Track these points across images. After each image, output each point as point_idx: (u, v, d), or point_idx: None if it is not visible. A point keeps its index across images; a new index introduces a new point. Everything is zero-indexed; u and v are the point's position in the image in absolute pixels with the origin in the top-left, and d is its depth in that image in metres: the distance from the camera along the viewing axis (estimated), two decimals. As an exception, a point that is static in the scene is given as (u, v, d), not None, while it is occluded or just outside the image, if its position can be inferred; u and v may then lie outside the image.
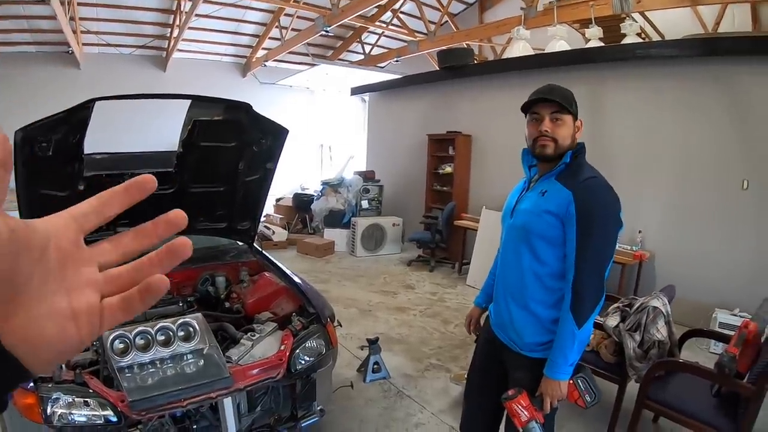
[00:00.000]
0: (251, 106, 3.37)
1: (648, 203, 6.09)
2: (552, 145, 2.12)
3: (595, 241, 2.02)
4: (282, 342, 3.09)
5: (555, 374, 2.10)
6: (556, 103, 2.11)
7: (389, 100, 11.30)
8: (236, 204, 3.94)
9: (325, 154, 18.33)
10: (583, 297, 2.03)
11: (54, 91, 13.02)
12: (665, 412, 3.10)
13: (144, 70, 15.41)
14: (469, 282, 7.49)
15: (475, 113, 8.77)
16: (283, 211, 11.64)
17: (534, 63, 7.69)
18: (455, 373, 4.49)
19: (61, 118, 2.78)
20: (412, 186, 10.00)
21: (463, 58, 8.93)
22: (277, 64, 15.93)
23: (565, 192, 2.06)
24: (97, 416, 2.46)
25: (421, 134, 9.54)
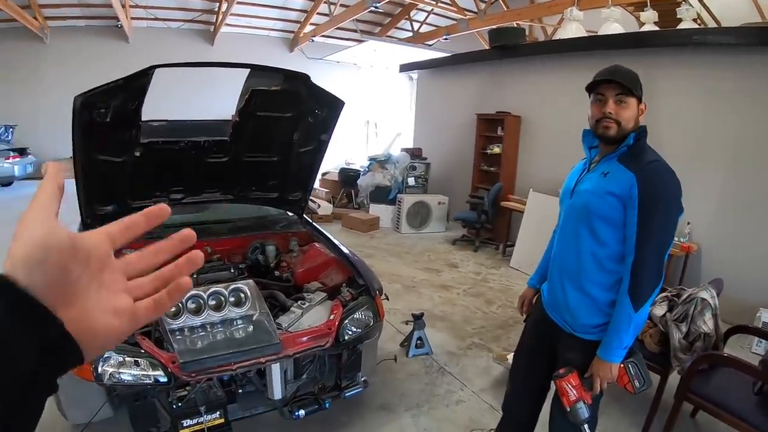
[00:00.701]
0: (309, 77, 3.38)
1: (698, 194, 5.84)
2: (615, 127, 2.08)
3: (656, 225, 1.99)
4: (331, 312, 3.13)
5: (608, 356, 2.08)
6: (620, 85, 2.06)
7: (438, 78, 11.17)
8: (289, 174, 3.99)
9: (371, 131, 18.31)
10: (642, 281, 2.01)
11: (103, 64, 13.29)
12: (705, 406, 3.02)
13: (192, 44, 15.60)
14: (513, 264, 7.41)
15: (525, 94, 8.61)
16: (329, 185, 11.67)
17: (587, 45, 7.49)
18: (497, 353, 4.47)
19: (120, 85, 2.83)
20: (459, 165, 9.91)
21: (515, 37, 8.75)
22: (325, 39, 15.93)
23: (628, 174, 2.03)
24: (147, 376, 2.53)
25: (469, 113, 9.43)
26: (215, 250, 3.93)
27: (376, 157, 10.81)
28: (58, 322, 0.44)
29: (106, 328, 0.49)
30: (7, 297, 0.42)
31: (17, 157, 12.23)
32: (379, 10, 12.56)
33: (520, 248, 7.42)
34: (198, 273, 3.50)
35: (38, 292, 0.43)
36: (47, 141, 13.64)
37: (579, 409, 2.12)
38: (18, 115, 13.64)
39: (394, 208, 9.54)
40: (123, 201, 3.62)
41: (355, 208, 10.74)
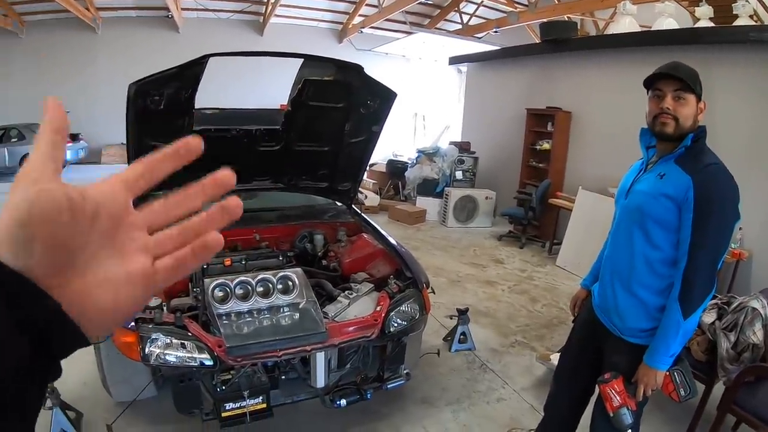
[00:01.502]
0: (363, 68, 3.37)
1: (753, 199, 5.53)
2: (672, 124, 2.01)
3: (711, 230, 1.93)
4: (378, 303, 3.12)
5: (654, 363, 2.05)
6: (680, 81, 1.99)
7: (488, 71, 11.03)
8: (339, 165, 4.00)
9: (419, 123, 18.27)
10: (693, 287, 1.95)
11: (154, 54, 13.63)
12: (750, 420, 2.90)
13: (241, 34, 15.81)
14: (559, 263, 7.29)
15: (576, 89, 8.42)
16: (376, 176, 11.72)
17: (640, 40, 7.28)
18: (541, 352, 4.40)
19: (175, 73, 2.88)
20: (507, 160, 9.77)
21: (567, 31, 8.55)
22: (374, 31, 15.94)
23: (684, 177, 1.97)
24: (193, 359, 2.58)
25: (519, 108, 9.28)
26: (264, 238, 3.98)
27: (424, 150, 10.79)
28: (51, 305, 0.38)
29: (116, 303, 0.42)
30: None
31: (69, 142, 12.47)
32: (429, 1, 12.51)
33: (567, 247, 7.29)
34: (247, 259, 3.55)
35: (29, 271, 0.37)
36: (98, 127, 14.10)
37: (622, 415, 2.09)
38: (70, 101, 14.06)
39: (441, 201, 9.50)
40: (175, 187, 3.67)
41: (402, 200, 10.74)
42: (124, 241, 0.43)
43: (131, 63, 13.29)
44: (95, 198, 0.41)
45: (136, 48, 14.64)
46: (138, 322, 2.58)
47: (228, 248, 3.88)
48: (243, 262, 3.52)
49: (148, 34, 14.96)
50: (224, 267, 3.44)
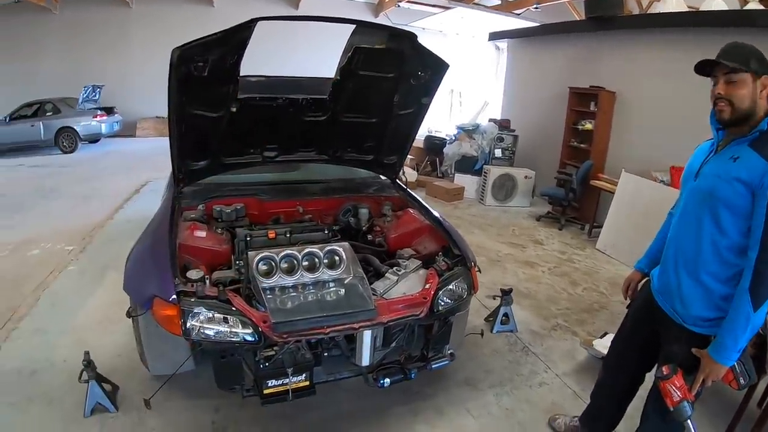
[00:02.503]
0: (416, 36, 3.24)
1: None
2: (728, 110, 1.96)
3: None
4: (427, 281, 3.04)
5: (722, 358, 1.97)
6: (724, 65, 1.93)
7: (528, 48, 10.81)
8: (386, 137, 3.91)
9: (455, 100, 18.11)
10: (765, 278, 1.86)
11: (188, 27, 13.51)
12: None
13: (276, 8, 15.74)
14: (599, 246, 7.10)
15: (620, 69, 8.19)
16: (414, 152, 11.53)
17: (687, 21, 7.03)
18: (583, 337, 4.30)
19: (220, 38, 2.76)
20: (547, 139, 9.59)
21: (613, 8, 8.29)
22: (411, 5, 15.72)
23: (760, 161, 1.87)
24: (236, 334, 2.52)
25: (561, 86, 9.08)
26: (307, 211, 3.91)
27: (463, 126, 10.67)
28: None
29: None
30: None
31: (104, 115, 12.92)
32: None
33: (607, 231, 7.10)
34: (292, 232, 3.48)
35: None
36: (134, 101, 14.31)
37: (683, 407, 2.02)
38: (106, 75, 14.35)
39: (480, 179, 9.40)
40: (216, 157, 3.63)
41: (439, 177, 10.64)
42: None
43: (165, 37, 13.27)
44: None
45: (169, 22, 14.75)
46: (180, 295, 2.52)
47: (270, 220, 3.82)
48: (287, 236, 3.47)
49: (182, 8, 15.03)
50: (268, 240, 3.39)
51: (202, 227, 3.37)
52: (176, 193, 3.58)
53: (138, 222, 3.54)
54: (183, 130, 3.22)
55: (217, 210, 3.65)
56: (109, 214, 7.10)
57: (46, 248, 5.78)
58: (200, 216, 3.56)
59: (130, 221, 6.51)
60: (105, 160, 11.56)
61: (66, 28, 14.56)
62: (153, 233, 3.13)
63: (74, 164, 10.85)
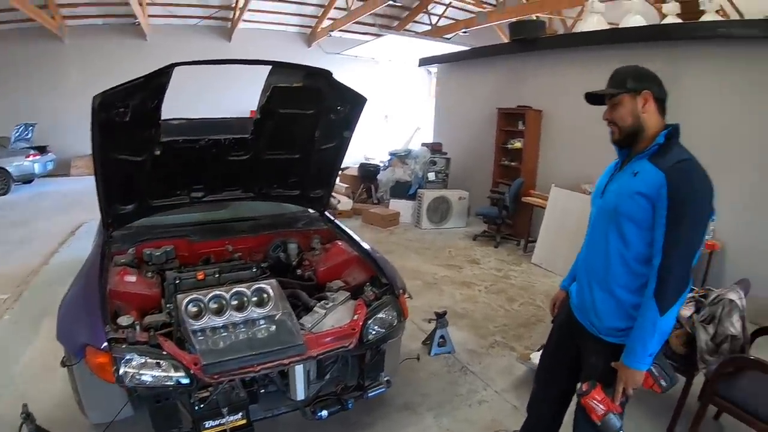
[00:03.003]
0: (332, 74, 3.34)
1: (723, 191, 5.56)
2: (616, 130, 2.14)
3: (685, 226, 1.91)
4: (355, 311, 3.08)
5: (633, 363, 2.03)
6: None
7: (458, 72, 11.08)
8: (310, 172, 3.97)
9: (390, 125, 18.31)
10: (668, 283, 1.94)
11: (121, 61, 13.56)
12: (731, 410, 2.95)
13: (209, 40, 15.80)
14: (535, 260, 7.32)
15: (546, 88, 8.50)
16: (348, 180, 11.66)
17: (608, 38, 7.37)
18: (521, 352, 4.40)
19: (140, 84, 2.80)
20: (479, 160, 9.81)
21: (535, 30, 8.65)
22: (343, 34, 15.97)
23: (658, 174, 1.96)
24: (169, 378, 2.51)
25: (490, 108, 9.34)
26: (237, 249, 3.92)
27: (396, 152, 10.80)
28: None
29: None
30: None
31: (37, 155, 12.44)
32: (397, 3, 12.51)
33: (541, 244, 7.33)
34: (220, 272, 3.48)
35: None
36: (67, 139, 13.90)
37: (610, 420, 2.07)
38: (38, 113, 13.92)
39: (415, 203, 9.49)
40: (144, 200, 3.61)
41: (375, 203, 10.72)
42: None
43: (99, 72, 13.17)
44: None
45: (103, 57, 14.49)
46: (111, 342, 2.50)
47: (200, 261, 3.82)
48: (216, 276, 3.46)
49: (115, 43, 14.80)
50: (197, 281, 3.37)
51: (132, 272, 3.33)
52: (106, 238, 3.54)
53: (73, 266, 3.48)
54: (108, 175, 3.22)
55: (147, 253, 3.62)
56: (45, 259, 6.88)
57: (-22, 299, 5.55)
58: (130, 260, 3.51)
59: (65, 265, 6.31)
60: (39, 201, 11.17)
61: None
62: (83, 280, 3.08)
63: (7, 207, 10.45)
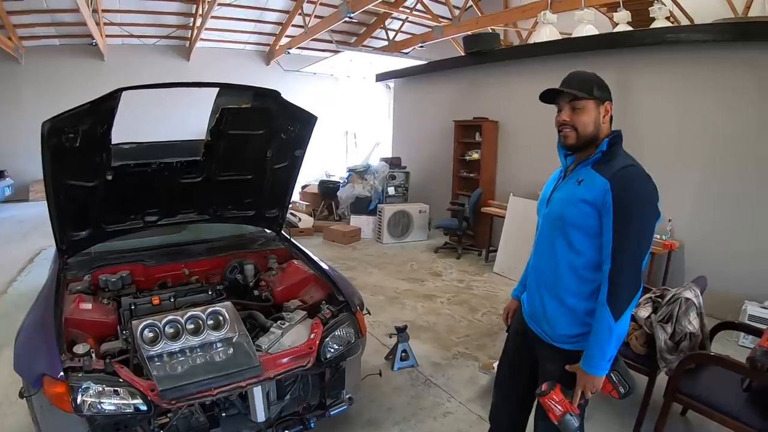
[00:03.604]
0: (280, 94, 3.36)
1: (678, 192, 5.93)
2: (573, 135, 2.08)
3: (632, 231, 1.94)
4: (312, 330, 3.08)
5: (592, 369, 2.03)
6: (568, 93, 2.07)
7: (415, 86, 11.20)
8: (264, 192, 3.97)
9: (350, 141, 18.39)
10: (620, 289, 1.96)
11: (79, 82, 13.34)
12: (695, 406, 3.02)
13: (167, 60, 15.68)
14: (496, 270, 7.41)
15: (501, 99, 8.66)
16: (309, 198, 11.65)
17: (561, 48, 7.55)
18: (483, 362, 4.44)
19: (88, 109, 2.79)
20: (438, 172, 9.92)
21: (490, 43, 8.79)
22: (301, 51, 16.01)
23: (601, 180, 1.99)
24: (127, 405, 2.47)
25: (447, 120, 9.46)
26: (193, 272, 3.88)
27: (355, 168, 10.80)
28: None
29: None
30: None
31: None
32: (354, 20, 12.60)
33: (502, 253, 7.43)
34: (176, 296, 3.45)
35: None
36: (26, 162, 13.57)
37: (567, 421, 2.08)
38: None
39: (375, 218, 9.52)
40: (98, 225, 3.57)
41: (336, 220, 10.73)
42: None
43: (57, 94, 12.94)
44: None
45: (61, 78, 14.24)
46: (67, 371, 2.46)
47: (157, 285, 3.78)
48: (172, 300, 3.42)
49: (73, 63, 14.57)
50: (153, 306, 3.33)
51: (88, 299, 3.27)
52: (61, 266, 3.48)
53: (33, 294, 3.39)
54: (61, 201, 3.17)
55: (103, 279, 3.56)
56: (2, 288, 6.71)
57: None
58: (86, 287, 3.45)
59: (24, 294, 6.14)
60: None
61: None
62: (39, 309, 3.01)
63: (-37, 234, 10.19)
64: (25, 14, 12.56)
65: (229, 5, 12.72)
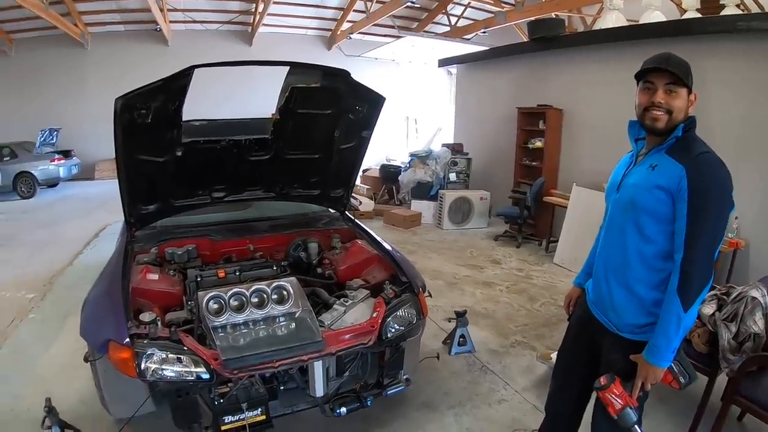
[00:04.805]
0: (350, 74, 3.37)
1: (747, 187, 5.60)
2: (665, 118, 1.99)
3: (707, 219, 1.88)
4: (374, 309, 3.10)
5: (657, 360, 1.98)
6: (671, 74, 1.96)
7: (477, 72, 11.06)
8: (331, 171, 4.01)
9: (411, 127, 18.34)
10: (692, 278, 1.90)
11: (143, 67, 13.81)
12: (754, 410, 2.88)
13: (230, 45, 15.99)
14: (557, 260, 7.29)
15: (566, 86, 8.45)
16: (370, 181, 11.75)
17: (628, 35, 7.31)
18: (541, 351, 4.39)
19: (161, 86, 2.87)
20: (500, 160, 9.80)
21: (555, 28, 8.61)
22: (362, 36, 16.06)
23: (677, 166, 1.93)
24: (190, 372, 2.55)
25: (510, 107, 9.31)
26: (258, 248, 3.96)
27: (416, 153, 10.81)
28: None
29: None
30: None
31: (62, 159, 12.70)
32: (416, 5, 12.53)
33: (563, 244, 7.29)
34: (241, 270, 3.53)
35: None
36: (91, 143, 14.16)
37: (627, 414, 2.04)
38: (63, 118, 14.22)
39: (436, 204, 9.50)
40: (166, 200, 3.68)
41: (397, 205, 10.75)
42: None
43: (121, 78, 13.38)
44: None
45: (125, 62, 14.74)
46: (133, 338, 2.55)
47: (222, 259, 3.87)
48: (237, 273, 3.51)
49: (137, 48, 15.05)
50: (218, 279, 3.43)
51: (155, 270, 3.39)
52: (129, 238, 3.61)
53: (97, 267, 3.55)
54: (131, 176, 3.29)
55: (170, 252, 3.68)
56: (69, 260, 7.02)
57: (6, 297, 5.68)
58: (153, 259, 3.58)
59: (89, 266, 6.43)
60: (64, 204, 11.39)
61: (21, 71, 14.48)
62: (106, 278, 3.14)
63: (33, 210, 10.69)
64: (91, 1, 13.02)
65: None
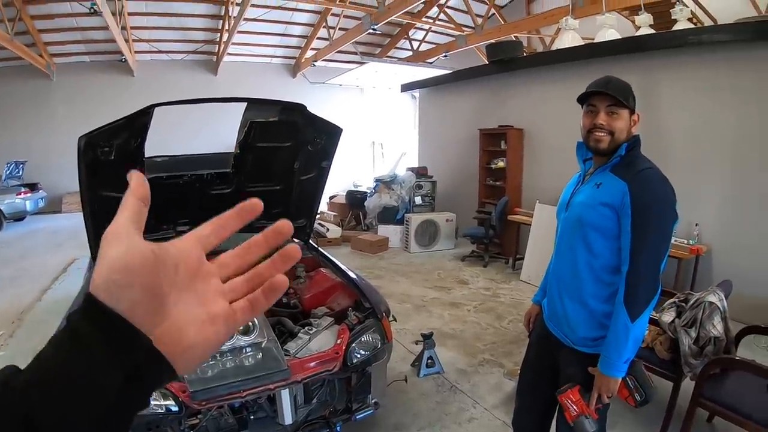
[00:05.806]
0: (306, 107, 3.46)
1: (704, 195, 5.86)
2: (607, 139, 2.08)
3: (650, 233, 1.97)
4: (338, 336, 3.15)
5: (608, 371, 2.04)
6: (612, 97, 2.06)
7: (439, 95, 11.26)
8: (292, 202, 4.07)
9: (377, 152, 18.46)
10: (638, 290, 1.98)
11: (109, 98, 13.72)
12: (720, 412, 2.98)
13: (195, 74, 15.95)
14: (523, 277, 7.41)
15: (526, 106, 8.66)
16: (337, 208, 11.78)
17: (584, 53, 7.54)
18: (509, 368, 4.46)
19: (122, 124, 2.93)
20: (464, 181, 9.94)
21: (513, 50, 8.82)
22: (326, 63, 16.15)
23: (620, 183, 2.02)
24: (159, 405, 2.56)
25: (472, 129, 9.49)
26: None
27: (381, 178, 10.88)
28: (146, 343, 0.44)
29: (202, 339, 0.48)
30: (93, 320, 0.42)
31: (28, 192, 12.46)
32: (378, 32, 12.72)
33: (529, 261, 7.42)
34: None
35: (125, 314, 0.42)
36: (58, 175, 13.94)
37: (581, 423, 2.10)
38: (28, 150, 14.02)
39: (402, 227, 9.57)
40: None
41: (364, 230, 10.79)
42: (203, 288, 0.50)
43: (88, 109, 13.35)
44: (174, 252, 0.48)
45: (91, 93, 14.65)
46: None
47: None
48: None
49: (103, 79, 14.96)
50: None
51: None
52: (95, 273, 3.62)
53: (66, 302, 3.55)
54: (96, 212, 3.32)
55: None
56: (38, 296, 6.91)
57: (-27, 336, 5.57)
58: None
59: (59, 301, 6.34)
60: (31, 238, 11.17)
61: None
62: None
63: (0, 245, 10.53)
64: (56, 32, 12.97)
65: (255, 20, 12.92)
